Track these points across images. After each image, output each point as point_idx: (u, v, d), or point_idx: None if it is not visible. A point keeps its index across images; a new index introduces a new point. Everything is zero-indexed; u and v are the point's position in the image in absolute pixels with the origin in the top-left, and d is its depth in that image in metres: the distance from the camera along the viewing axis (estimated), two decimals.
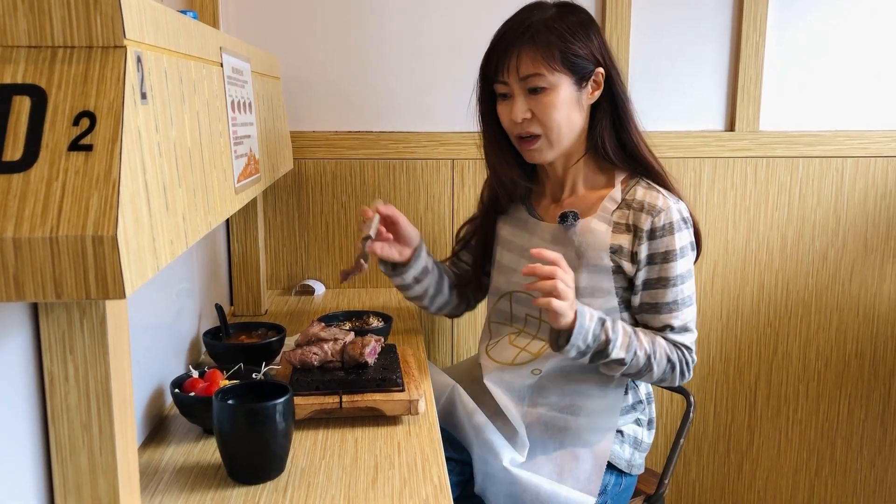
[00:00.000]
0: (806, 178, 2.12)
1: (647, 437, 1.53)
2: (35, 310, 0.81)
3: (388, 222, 1.51)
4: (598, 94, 1.42)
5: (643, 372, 1.38)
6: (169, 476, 1.09)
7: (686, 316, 1.41)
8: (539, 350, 1.45)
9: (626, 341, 1.35)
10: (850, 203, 2.14)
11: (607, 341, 1.33)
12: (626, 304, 1.44)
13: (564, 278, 1.27)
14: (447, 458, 1.35)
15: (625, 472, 1.48)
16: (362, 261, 1.43)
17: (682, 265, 1.39)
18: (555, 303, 1.26)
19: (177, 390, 1.20)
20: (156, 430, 1.23)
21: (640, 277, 1.40)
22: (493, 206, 1.59)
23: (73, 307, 0.79)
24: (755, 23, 2.02)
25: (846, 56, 2.09)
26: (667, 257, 1.38)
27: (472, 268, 1.66)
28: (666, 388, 1.64)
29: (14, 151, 0.65)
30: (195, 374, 1.25)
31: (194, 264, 1.56)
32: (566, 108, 1.39)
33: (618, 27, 2.00)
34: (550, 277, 1.26)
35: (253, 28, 1.96)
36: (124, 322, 0.84)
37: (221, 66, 1.13)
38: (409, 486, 1.06)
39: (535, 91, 1.38)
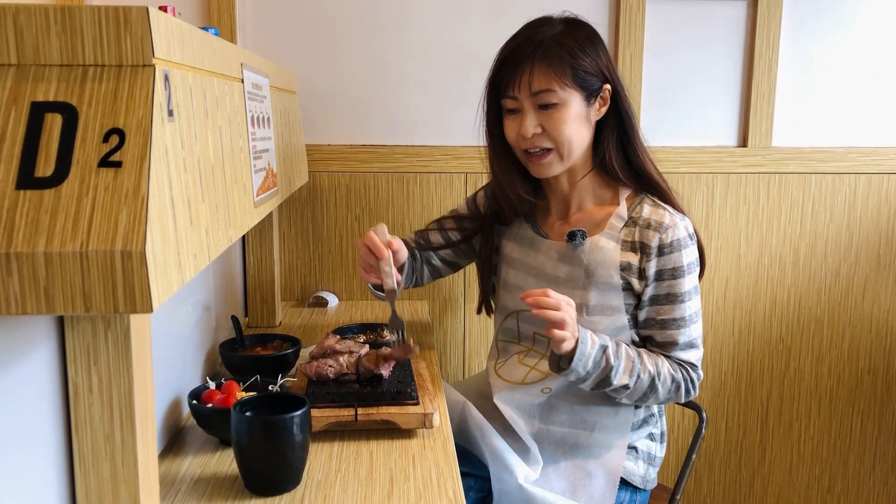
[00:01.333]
0: (819, 194, 2.12)
1: (659, 451, 1.53)
2: (61, 322, 0.82)
3: (393, 250, 1.44)
4: (604, 109, 1.43)
5: (648, 395, 1.38)
6: (186, 487, 1.10)
7: (692, 332, 1.41)
8: (549, 369, 1.46)
9: (629, 366, 1.35)
10: (862, 219, 2.14)
11: (609, 368, 1.33)
12: (636, 321, 1.44)
13: (568, 309, 1.29)
14: (467, 474, 1.36)
15: (639, 489, 1.48)
16: (412, 344, 1.41)
17: (690, 281, 1.40)
18: (556, 332, 1.28)
19: (194, 402, 1.21)
20: (173, 441, 1.24)
21: (648, 293, 1.40)
22: (496, 217, 1.59)
23: (98, 320, 0.80)
24: (768, 39, 2.03)
25: (859, 73, 2.09)
26: (675, 273, 1.39)
27: (450, 265, 1.68)
28: (675, 402, 1.64)
29: (46, 168, 0.67)
30: (212, 385, 1.26)
31: (210, 276, 1.58)
32: (576, 123, 1.40)
33: (631, 43, 2.01)
34: (556, 308, 1.28)
35: (269, 42, 1.99)
36: (147, 335, 0.85)
37: (242, 81, 1.15)
38: (424, 499, 1.06)
39: (545, 107, 1.39)
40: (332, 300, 2.05)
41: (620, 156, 1.46)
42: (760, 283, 2.16)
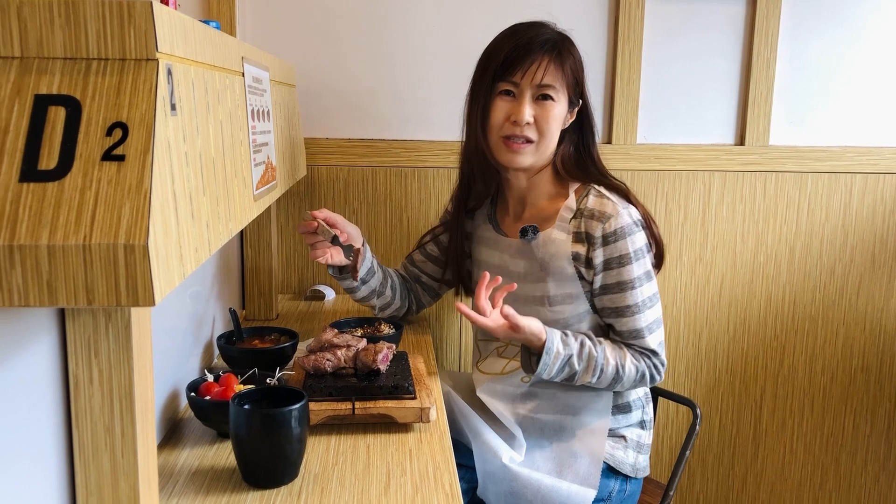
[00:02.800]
0: (815, 193, 2.13)
1: (647, 437, 1.56)
2: (62, 314, 0.83)
3: (329, 225, 1.54)
4: (570, 120, 1.53)
5: (613, 385, 1.43)
6: (184, 479, 1.10)
7: (648, 317, 1.44)
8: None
9: (591, 365, 1.40)
10: (858, 219, 2.15)
11: (573, 372, 1.40)
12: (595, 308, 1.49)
13: (501, 325, 1.36)
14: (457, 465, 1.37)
15: (630, 477, 1.50)
16: (354, 246, 1.54)
17: (639, 267, 1.43)
18: (498, 335, 1.38)
19: (193, 394, 1.21)
20: (171, 433, 1.25)
21: (598, 282, 1.44)
22: (460, 217, 1.65)
23: (99, 312, 0.80)
24: (766, 38, 2.04)
25: (856, 73, 2.10)
26: (622, 261, 1.42)
27: (444, 281, 1.74)
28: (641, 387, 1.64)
29: (49, 160, 0.67)
30: (210, 378, 1.27)
31: (208, 269, 1.58)
32: (558, 122, 1.49)
33: (630, 39, 2.01)
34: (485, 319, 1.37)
35: (268, 35, 1.98)
36: (147, 327, 0.86)
37: (243, 75, 1.15)
38: (421, 493, 1.07)
39: (543, 98, 1.46)
40: (330, 293, 2.05)
41: (576, 157, 1.55)
42: (756, 281, 2.17)
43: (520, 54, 1.45)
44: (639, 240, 1.44)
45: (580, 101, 1.52)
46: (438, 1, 1.99)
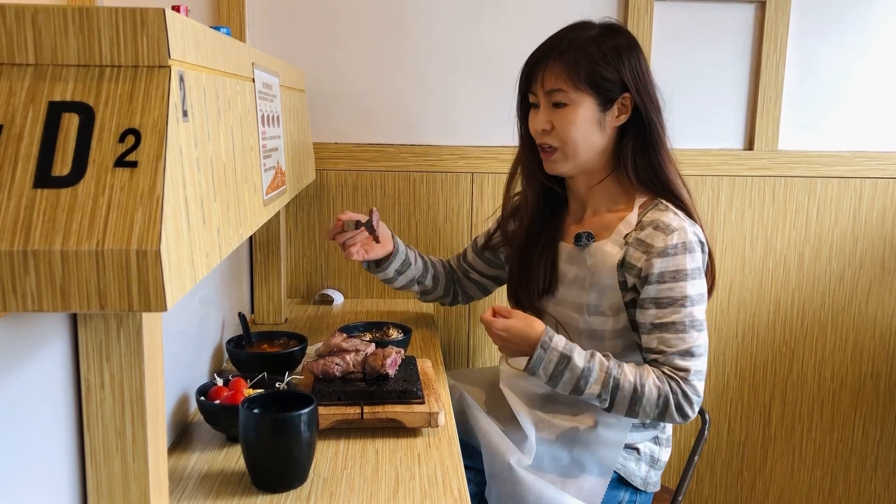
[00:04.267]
0: (824, 198, 2.13)
1: (663, 454, 1.53)
2: (74, 319, 0.83)
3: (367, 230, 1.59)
4: (624, 117, 1.43)
5: (633, 407, 1.34)
6: (194, 483, 1.11)
7: (691, 340, 1.34)
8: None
9: (601, 376, 1.33)
10: (867, 224, 2.14)
11: (576, 376, 1.33)
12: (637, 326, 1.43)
13: (500, 333, 1.38)
14: (466, 467, 1.37)
15: (640, 490, 1.49)
16: (374, 214, 1.59)
17: (693, 287, 1.36)
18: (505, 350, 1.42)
19: (202, 398, 1.22)
20: (180, 437, 1.25)
21: (649, 294, 1.37)
22: (539, 222, 1.59)
23: (111, 317, 0.81)
24: (776, 43, 2.04)
25: (866, 77, 2.10)
26: (677, 276, 1.36)
27: (486, 275, 1.75)
28: (670, 421, 1.60)
29: (63, 167, 0.68)
30: (220, 382, 1.27)
31: (217, 273, 1.59)
32: (585, 126, 1.42)
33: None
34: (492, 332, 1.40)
35: (277, 41, 1.99)
36: (158, 332, 0.86)
37: (253, 81, 1.16)
38: (429, 498, 1.07)
39: (557, 105, 1.43)
40: (338, 298, 2.06)
41: (641, 164, 1.45)
42: (765, 287, 2.16)
43: (530, 63, 1.46)
44: (697, 259, 1.38)
45: (621, 95, 1.41)
46: (448, 6, 2.00)
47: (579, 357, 1.34)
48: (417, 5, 2.00)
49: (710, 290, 1.45)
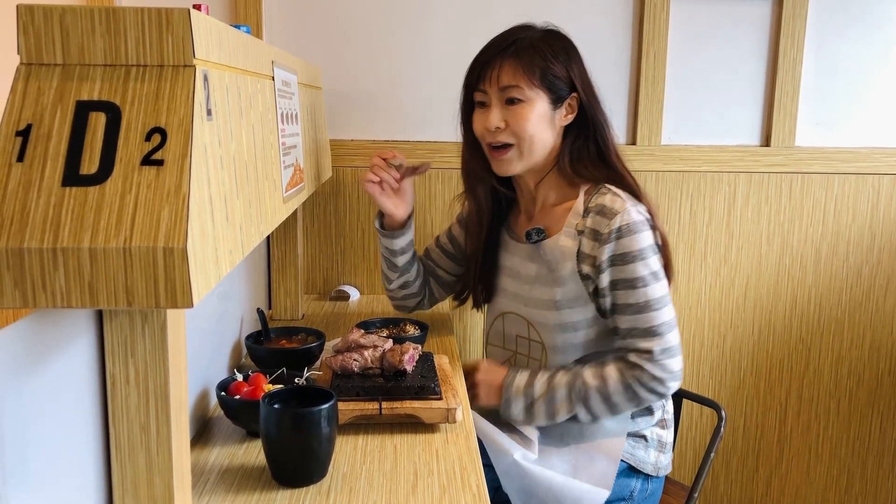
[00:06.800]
0: (841, 194, 2.12)
1: (668, 436, 1.55)
2: (99, 315, 0.84)
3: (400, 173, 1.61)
4: (571, 117, 1.48)
5: (614, 409, 1.40)
6: (215, 477, 1.12)
7: (652, 319, 1.37)
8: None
9: (566, 393, 1.41)
10: (885, 220, 2.13)
11: (552, 409, 1.42)
12: (604, 312, 1.46)
13: (481, 380, 1.49)
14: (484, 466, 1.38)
15: (652, 476, 1.50)
16: (421, 167, 1.62)
17: (646, 266, 1.38)
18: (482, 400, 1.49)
19: (223, 393, 1.23)
20: (201, 432, 1.27)
21: (605, 280, 1.40)
22: (492, 221, 1.62)
23: (136, 313, 0.82)
24: (793, 39, 2.03)
25: (883, 73, 2.08)
26: (626, 259, 1.38)
27: (451, 273, 1.76)
28: (650, 403, 1.59)
29: (90, 165, 0.69)
30: (240, 377, 1.28)
31: (236, 269, 1.60)
32: (540, 123, 1.45)
33: (655, 41, 2.01)
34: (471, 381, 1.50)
35: (294, 38, 2.00)
36: (182, 328, 0.87)
37: (273, 79, 1.17)
38: (448, 493, 1.08)
39: (511, 102, 1.44)
40: (354, 294, 2.07)
41: (584, 157, 1.49)
42: (781, 283, 2.15)
43: (481, 62, 1.47)
44: (646, 238, 1.39)
45: (570, 94, 1.46)
46: (462, 3, 2.00)
47: (540, 385, 1.43)
48: (433, 3, 2.00)
49: (667, 268, 1.44)
